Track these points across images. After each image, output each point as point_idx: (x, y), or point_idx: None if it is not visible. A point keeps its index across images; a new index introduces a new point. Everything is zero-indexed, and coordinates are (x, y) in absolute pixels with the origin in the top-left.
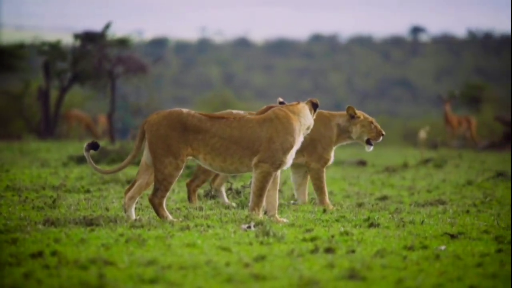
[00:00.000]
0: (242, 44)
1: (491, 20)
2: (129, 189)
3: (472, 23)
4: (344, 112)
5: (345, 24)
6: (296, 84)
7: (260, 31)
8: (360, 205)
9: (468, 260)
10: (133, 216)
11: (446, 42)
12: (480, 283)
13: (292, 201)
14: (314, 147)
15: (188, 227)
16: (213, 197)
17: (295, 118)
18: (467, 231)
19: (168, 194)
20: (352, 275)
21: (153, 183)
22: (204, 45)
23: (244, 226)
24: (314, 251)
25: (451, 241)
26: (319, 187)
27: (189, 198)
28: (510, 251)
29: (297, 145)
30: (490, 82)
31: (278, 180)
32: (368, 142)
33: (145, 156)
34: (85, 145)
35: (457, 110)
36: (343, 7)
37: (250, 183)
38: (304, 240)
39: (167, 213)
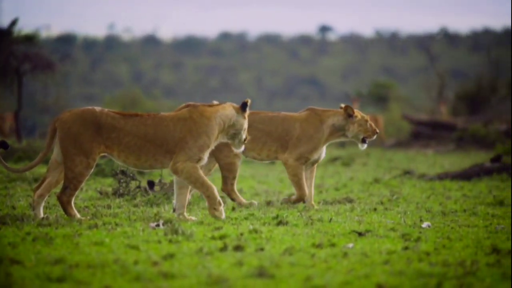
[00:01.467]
0: (151, 41)
1: (397, 20)
2: (38, 187)
3: (379, 23)
4: (338, 110)
5: (253, 23)
6: (205, 82)
7: (169, 29)
8: (269, 203)
9: (376, 258)
10: (41, 214)
11: (353, 41)
12: (387, 281)
13: (294, 196)
14: (296, 146)
15: (96, 226)
16: (121, 195)
17: (211, 117)
18: (374, 229)
19: (77, 192)
20: (261, 273)
21: (62, 181)
22: (112, 43)
23: (153, 224)
24: (223, 249)
25: (359, 239)
26: (298, 184)
27: (233, 200)
28: (416, 249)
29: (213, 144)
30: (397, 81)
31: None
32: (364, 140)
33: (56, 154)
34: None
35: (364, 109)
36: (252, 5)
37: (160, 180)
38: (213, 238)
39: (75, 211)
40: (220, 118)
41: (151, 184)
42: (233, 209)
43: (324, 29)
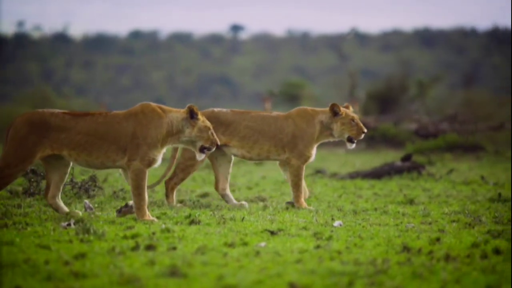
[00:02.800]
0: (61, 39)
1: (309, 20)
2: (47, 192)
3: (290, 23)
4: (326, 109)
5: (165, 21)
6: (116, 81)
7: (79, 26)
8: (181, 202)
9: (288, 256)
10: (66, 209)
11: (265, 41)
12: (299, 279)
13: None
14: (295, 143)
15: (6, 225)
16: (31, 194)
17: (162, 115)
18: (286, 228)
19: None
20: (173, 272)
21: (62, 183)
22: (21, 40)
23: (64, 224)
24: (135, 248)
25: (271, 238)
26: (296, 184)
27: (167, 197)
28: (328, 248)
29: (164, 146)
30: (308, 80)
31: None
32: (350, 139)
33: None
34: None
35: (276, 108)
36: (164, 4)
37: (71, 180)
38: (125, 237)
39: None
40: (170, 119)
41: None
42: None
43: (235, 28)
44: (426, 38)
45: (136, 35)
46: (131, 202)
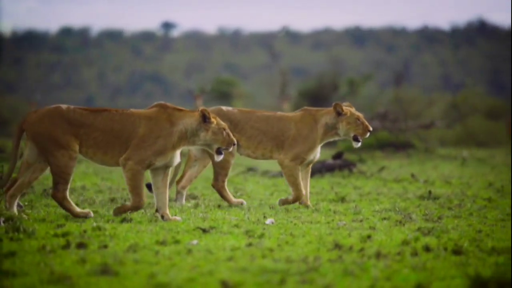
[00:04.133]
0: None
1: (240, 18)
2: (9, 188)
3: (222, 20)
4: (330, 109)
5: (96, 18)
6: (47, 79)
7: (8, 23)
8: (112, 200)
9: (220, 254)
10: (14, 210)
11: (196, 38)
12: (231, 277)
13: (290, 196)
14: (292, 146)
15: None
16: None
17: (175, 123)
18: (218, 226)
19: (69, 186)
20: (104, 270)
21: (33, 182)
22: None
23: None
24: (66, 246)
25: (203, 236)
26: (294, 183)
27: (177, 197)
28: (260, 245)
29: (172, 151)
30: (240, 78)
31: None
32: (355, 138)
33: (27, 155)
34: None
35: (208, 105)
36: (94, 1)
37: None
38: (56, 235)
39: (74, 205)
40: (183, 125)
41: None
42: (76, 205)
43: (167, 25)
44: (357, 36)
45: (66, 32)
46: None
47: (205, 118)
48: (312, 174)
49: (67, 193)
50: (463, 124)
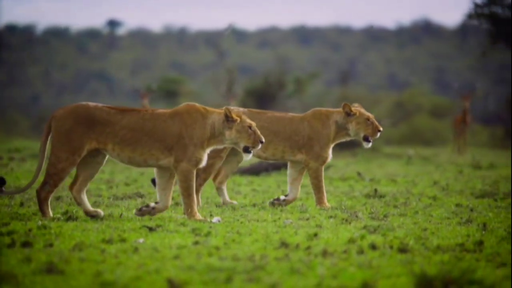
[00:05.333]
0: None
1: (186, 16)
2: (73, 184)
3: (168, 19)
4: (340, 109)
5: (41, 16)
6: None
7: None
8: (58, 198)
9: (166, 252)
10: (89, 208)
11: (142, 36)
12: (177, 275)
13: (282, 196)
14: (311, 145)
15: None
16: None
17: (206, 115)
18: (165, 224)
19: (55, 189)
20: (50, 269)
21: (91, 180)
22: None
23: None
24: (11, 245)
25: (149, 234)
26: (317, 186)
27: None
28: (207, 243)
29: (208, 147)
30: (187, 76)
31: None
32: (365, 138)
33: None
34: None
35: (154, 104)
36: None
37: None
38: (1, 234)
39: (49, 210)
40: (212, 119)
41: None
42: (21, 204)
43: (112, 23)
44: (303, 35)
45: (11, 29)
46: (152, 204)
47: (227, 117)
48: (259, 173)
49: (51, 195)
50: (408, 123)
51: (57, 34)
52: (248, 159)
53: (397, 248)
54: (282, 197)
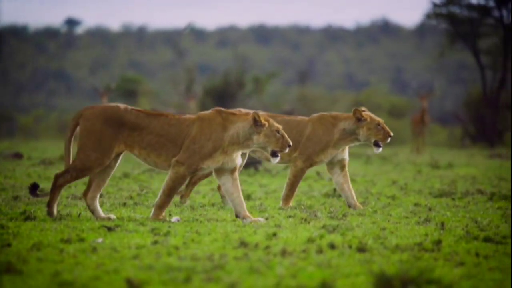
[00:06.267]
0: None
1: (145, 15)
2: (87, 191)
3: (127, 17)
4: (350, 114)
5: None
6: None
7: None
8: (16, 198)
9: (125, 252)
10: (102, 214)
11: (101, 35)
12: (136, 275)
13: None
14: (305, 146)
15: None
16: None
17: (227, 128)
18: (123, 224)
19: (73, 182)
20: (8, 269)
21: (107, 179)
22: None
23: None
24: None
25: (108, 234)
26: (292, 185)
27: (181, 196)
28: (166, 243)
29: (225, 154)
30: (145, 75)
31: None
32: (376, 144)
33: None
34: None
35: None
36: None
37: None
38: None
39: (58, 197)
40: (235, 129)
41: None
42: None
43: (71, 22)
44: (262, 34)
45: None
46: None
47: (256, 122)
48: None
49: (65, 185)
50: None
51: (15, 33)
52: (275, 163)
53: (356, 248)
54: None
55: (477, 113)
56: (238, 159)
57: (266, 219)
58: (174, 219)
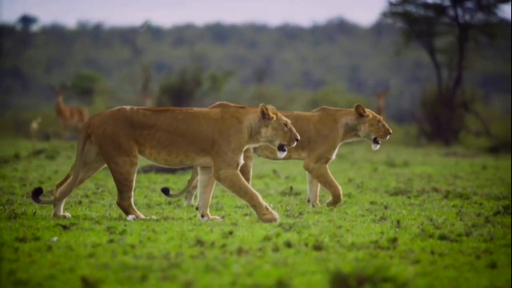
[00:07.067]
0: None
1: (101, 13)
2: (60, 184)
3: (82, 15)
4: (352, 110)
5: None
6: None
7: None
8: None
9: (80, 251)
10: (61, 212)
11: (56, 33)
12: (92, 274)
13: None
14: (313, 148)
15: None
16: None
17: (242, 119)
18: (79, 222)
19: (133, 192)
20: None
21: (86, 181)
22: None
23: None
24: None
25: (64, 232)
26: (326, 182)
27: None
28: (122, 242)
29: (244, 148)
30: (101, 73)
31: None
32: (375, 140)
33: (85, 156)
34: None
35: (69, 101)
36: None
37: None
38: None
39: (138, 212)
40: (248, 121)
41: (166, 191)
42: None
43: (26, 20)
44: (219, 32)
45: None
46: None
47: (264, 115)
48: (175, 170)
49: (132, 200)
50: None
51: None
52: (282, 157)
53: (312, 246)
54: (330, 197)
55: (433, 111)
56: (241, 159)
57: (223, 217)
58: (130, 217)
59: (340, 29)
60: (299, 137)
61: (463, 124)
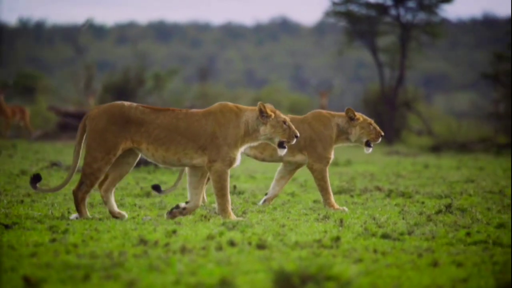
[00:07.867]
0: None
1: (43, 10)
2: (102, 183)
3: (23, 12)
4: (342, 113)
5: None
6: None
7: None
8: None
9: (23, 250)
10: (115, 208)
11: None
12: (34, 273)
13: (182, 204)
14: (314, 147)
15: None
16: None
17: (239, 114)
18: (21, 221)
19: (92, 189)
20: None
21: (126, 175)
22: None
23: None
24: None
25: (6, 232)
26: (323, 188)
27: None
28: (64, 241)
29: (242, 146)
30: (43, 72)
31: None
32: (368, 144)
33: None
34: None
35: (10, 100)
36: None
37: None
38: None
39: (86, 210)
40: (246, 117)
41: (157, 188)
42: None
43: None
44: (162, 31)
45: None
46: (182, 204)
47: (262, 113)
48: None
49: (87, 195)
50: None
51: None
52: (282, 154)
53: (256, 245)
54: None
55: (375, 110)
56: (239, 158)
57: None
58: (73, 216)
59: (283, 28)
60: (298, 134)
61: (405, 123)
